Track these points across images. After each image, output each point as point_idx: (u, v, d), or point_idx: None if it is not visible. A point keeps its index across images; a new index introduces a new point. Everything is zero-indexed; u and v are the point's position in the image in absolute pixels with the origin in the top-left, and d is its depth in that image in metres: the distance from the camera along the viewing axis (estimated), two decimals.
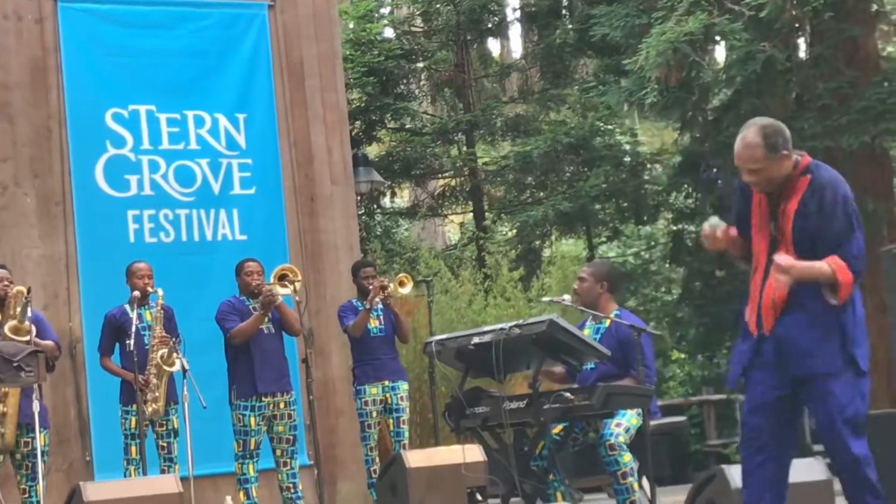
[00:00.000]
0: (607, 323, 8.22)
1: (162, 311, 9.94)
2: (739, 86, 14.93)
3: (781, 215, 5.87)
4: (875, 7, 15.37)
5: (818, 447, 14.31)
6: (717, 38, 13.83)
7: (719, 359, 19.07)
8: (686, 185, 18.93)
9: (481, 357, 7.65)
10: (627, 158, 19.35)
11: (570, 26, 18.98)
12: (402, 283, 10.80)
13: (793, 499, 7.02)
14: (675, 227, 19.85)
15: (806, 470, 7.34)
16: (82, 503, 7.71)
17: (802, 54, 15.43)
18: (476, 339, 7.73)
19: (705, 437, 17.15)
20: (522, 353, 7.61)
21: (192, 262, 11.72)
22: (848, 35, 14.42)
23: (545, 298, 9.86)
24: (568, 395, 7.42)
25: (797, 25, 14.44)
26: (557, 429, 7.99)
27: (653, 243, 21.56)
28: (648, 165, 19.76)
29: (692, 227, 19.66)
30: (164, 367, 9.73)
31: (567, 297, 8.55)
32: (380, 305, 10.55)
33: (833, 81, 14.46)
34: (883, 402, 13.45)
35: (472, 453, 8.97)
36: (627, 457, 7.80)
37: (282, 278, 10.05)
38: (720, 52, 17.61)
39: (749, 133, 5.97)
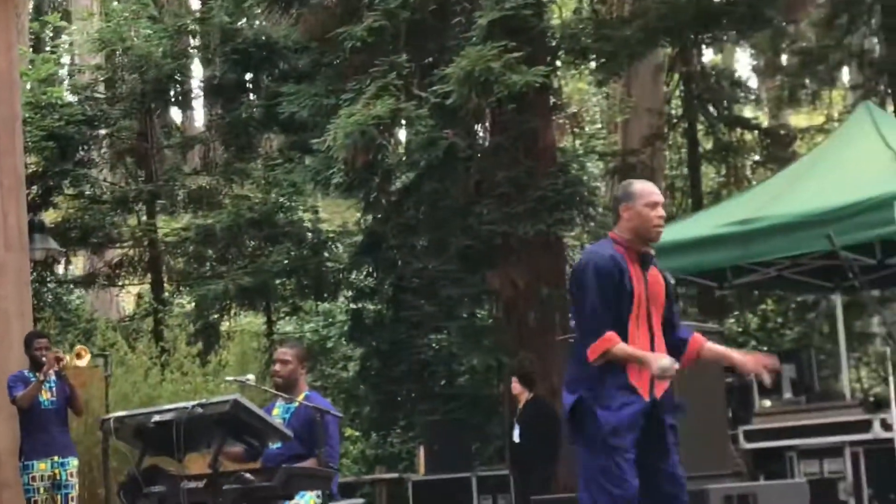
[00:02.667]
0: (297, 404, 8.21)
1: None
2: (422, 169, 15.25)
3: (654, 282, 6.26)
4: (553, 100, 15.96)
5: None
6: (403, 122, 14.09)
7: (393, 437, 19.24)
8: (367, 264, 19.15)
9: (161, 435, 7.49)
10: (310, 235, 19.44)
11: (255, 101, 19.02)
12: (79, 356, 10.55)
13: None
14: (354, 306, 20.01)
15: None
16: None
17: (484, 142, 15.87)
18: (157, 418, 7.57)
19: None
20: (204, 432, 7.48)
21: None
22: (527, 126, 14.90)
23: (228, 378, 9.78)
24: (248, 476, 7.33)
25: (480, 114, 14.84)
26: None
27: (331, 320, 21.65)
28: (330, 243, 19.89)
29: (371, 306, 19.87)
30: None
31: (251, 376, 8.50)
32: (53, 378, 10.24)
33: (512, 170, 14.90)
34: None
35: None
36: None
37: None
38: (403, 135, 17.95)
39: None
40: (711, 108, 18.93)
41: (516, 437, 13.61)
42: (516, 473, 13.81)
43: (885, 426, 10.61)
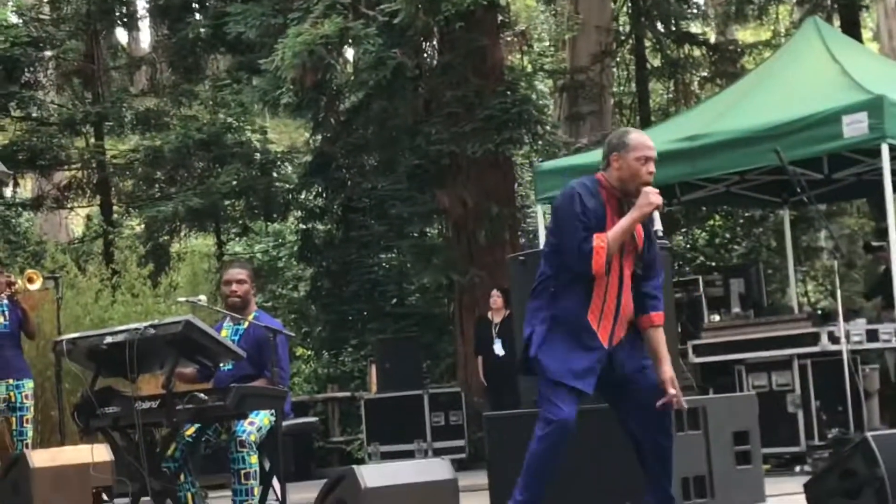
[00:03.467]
0: (245, 324, 8.23)
1: None
2: (370, 89, 15.20)
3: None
4: (501, 18, 15.93)
5: (439, 444, 14.76)
6: (351, 41, 14.03)
7: (344, 356, 19.34)
8: (316, 185, 19.15)
9: (114, 357, 7.50)
10: (258, 156, 19.39)
11: (202, 21, 18.87)
12: (31, 280, 10.52)
13: (421, 498, 7.27)
14: (303, 226, 20.03)
15: (434, 469, 7.55)
16: None
17: (432, 62, 15.84)
18: (109, 339, 7.57)
19: (329, 434, 17.36)
20: (157, 353, 7.50)
21: None
22: (476, 45, 14.88)
23: (180, 298, 9.79)
24: (202, 395, 7.37)
25: (428, 33, 14.80)
26: (190, 430, 7.93)
27: (281, 241, 21.66)
28: (279, 164, 19.85)
29: (321, 226, 19.89)
30: None
31: (202, 297, 8.49)
32: (5, 301, 10.23)
33: (460, 89, 14.90)
34: None
35: (100, 453, 8.82)
36: (254, 458, 7.81)
37: None
38: (351, 54, 17.87)
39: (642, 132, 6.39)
40: (659, 25, 18.92)
41: (499, 351, 13.72)
42: (494, 386, 13.94)
43: (833, 339, 10.72)
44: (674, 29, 18.84)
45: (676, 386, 6.25)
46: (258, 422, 7.88)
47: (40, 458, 9.71)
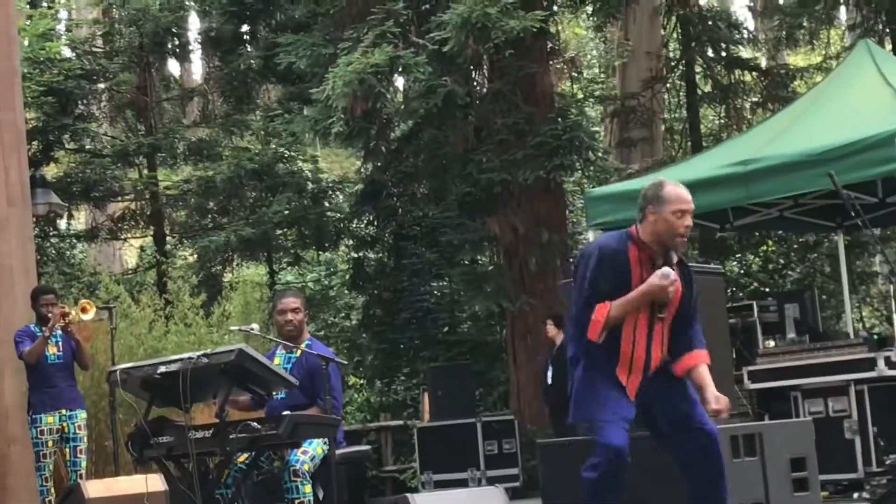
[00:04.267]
0: (298, 352, 8.24)
1: None
2: (421, 118, 15.23)
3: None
4: (551, 45, 15.93)
5: (492, 472, 14.71)
6: (401, 70, 14.06)
7: (397, 385, 19.33)
8: (367, 213, 19.19)
9: (168, 386, 7.55)
10: (310, 185, 19.46)
11: (253, 52, 19.00)
12: (84, 310, 10.59)
13: None
14: (355, 255, 20.06)
15: (487, 497, 7.53)
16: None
17: (482, 89, 15.85)
18: (163, 369, 7.63)
19: (382, 463, 17.33)
20: (210, 382, 7.54)
21: None
22: (525, 72, 14.88)
23: (233, 327, 9.82)
24: (255, 424, 7.39)
25: (478, 61, 14.81)
26: (243, 457, 7.95)
27: (332, 269, 21.70)
28: (330, 193, 19.91)
29: (372, 255, 19.92)
30: None
31: (255, 326, 8.53)
32: (59, 332, 10.29)
33: (510, 117, 14.89)
34: None
35: (154, 483, 8.85)
36: (308, 487, 7.82)
37: None
38: (401, 83, 17.92)
39: (679, 184, 6.23)
40: (709, 50, 18.87)
41: (549, 379, 13.66)
42: (551, 415, 13.84)
43: (890, 364, 10.63)
44: (724, 54, 18.77)
45: (722, 402, 6.17)
46: (311, 451, 7.88)
47: (95, 489, 9.74)
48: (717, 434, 6.18)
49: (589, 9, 17.70)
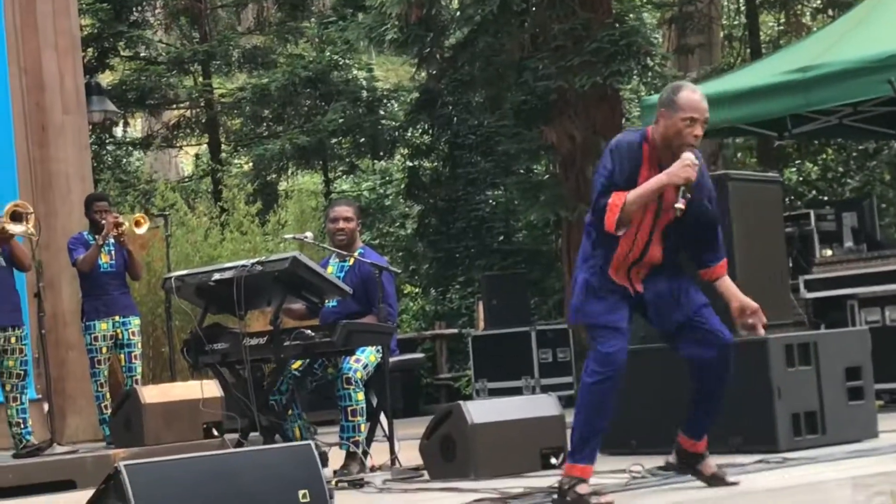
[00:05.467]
0: (351, 261, 8.24)
1: None
2: (476, 24, 15.09)
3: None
4: None
5: (546, 380, 14.74)
6: None
7: (452, 293, 19.36)
8: (422, 122, 19.12)
9: (222, 293, 7.57)
10: (365, 93, 19.40)
11: None
12: (138, 224, 10.63)
13: (528, 434, 7.26)
14: (410, 164, 20.04)
15: (540, 406, 7.54)
16: None
17: None
18: (217, 276, 7.64)
19: (437, 371, 17.42)
20: (264, 290, 7.55)
21: None
22: None
23: (287, 235, 9.82)
24: (309, 332, 7.42)
25: None
26: (296, 364, 7.98)
27: (388, 178, 21.70)
28: (385, 101, 19.85)
29: (427, 164, 19.88)
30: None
31: (309, 234, 8.53)
32: (112, 241, 10.33)
33: (567, 22, 14.72)
34: None
35: (210, 389, 8.93)
36: (361, 395, 7.84)
37: (14, 216, 9.64)
38: None
39: (698, 90, 6.07)
40: None
41: None
42: None
43: None
44: None
45: (754, 307, 6.10)
46: (364, 359, 7.90)
47: (151, 394, 9.87)
48: (731, 342, 6.13)
49: None
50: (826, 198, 18.02)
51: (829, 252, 12.66)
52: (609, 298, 6.02)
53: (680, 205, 5.90)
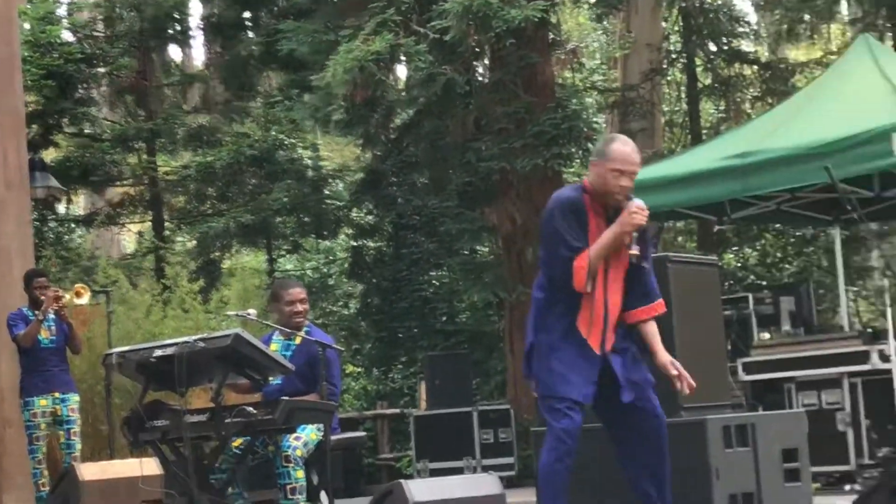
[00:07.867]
0: (298, 339, 8.27)
1: None
2: (422, 106, 15.24)
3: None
4: (552, 36, 15.92)
5: (488, 461, 14.73)
6: (402, 58, 14.06)
7: (394, 373, 19.35)
8: (367, 202, 19.20)
9: (163, 370, 7.56)
10: (310, 173, 19.48)
11: (255, 39, 19.00)
12: (78, 294, 10.62)
13: None
14: (354, 243, 20.08)
15: (482, 485, 7.55)
16: None
17: (483, 79, 15.84)
18: (159, 352, 7.64)
19: (378, 451, 17.35)
20: (206, 366, 7.55)
21: None
22: (527, 62, 14.88)
23: (230, 312, 9.84)
24: (250, 409, 7.41)
25: (479, 50, 14.81)
26: (237, 442, 7.97)
27: (332, 257, 21.71)
28: (330, 180, 19.93)
29: (371, 243, 19.94)
30: None
31: (252, 311, 8.55)
32: (52, 316, 10.30)
33: (511, 106, 14.89)
34: None
35: (149, 466, 8.88)
36: (301, 473, 7.84)
37: None
38: (402, 71, 17.93)
39: (631, 143, 6.15)
40: (710, 44, 18.86)
41: None
42: None
43: (883, 357, 10.64)
44: (725, 48, 18.78)
45: (679, 366, 6.21)
46: (304, 436, 7.90)
47: (90, 472, 9.79)
48: (665, 420, 6.24)
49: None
50: (764, 282, 18.21)
51: (766, 335, 12.82)
52: (573, 362, 6.09)
53: (634, 251, 6.02)
